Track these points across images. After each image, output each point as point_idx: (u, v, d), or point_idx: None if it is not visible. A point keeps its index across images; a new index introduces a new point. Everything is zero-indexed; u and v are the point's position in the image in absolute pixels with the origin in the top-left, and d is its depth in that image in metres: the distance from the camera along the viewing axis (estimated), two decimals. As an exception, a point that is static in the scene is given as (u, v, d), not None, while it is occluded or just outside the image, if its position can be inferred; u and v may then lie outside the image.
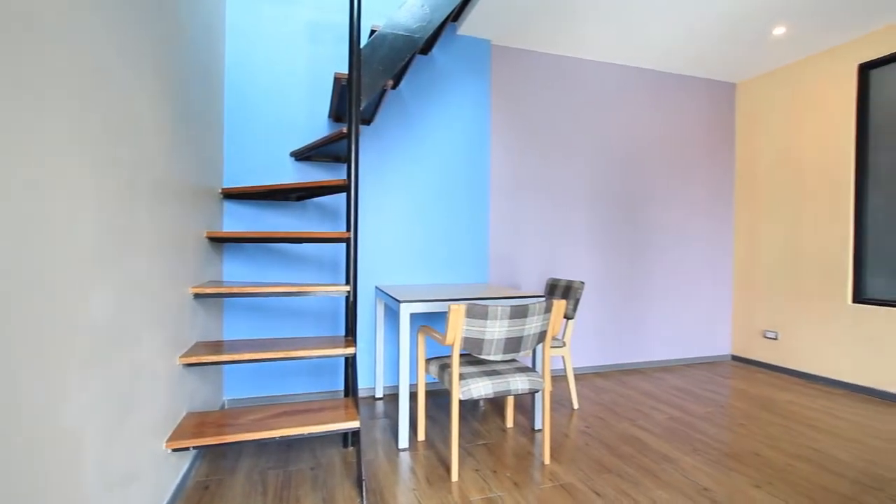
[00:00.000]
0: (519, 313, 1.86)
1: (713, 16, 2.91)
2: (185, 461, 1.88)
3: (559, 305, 1.97)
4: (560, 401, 2.93)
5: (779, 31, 3.09)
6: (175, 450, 1.61)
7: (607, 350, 3.68)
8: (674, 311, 3.88)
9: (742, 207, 4.02)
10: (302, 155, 2.72)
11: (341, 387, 2.96)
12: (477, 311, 1.82)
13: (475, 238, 3.24)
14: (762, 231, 3.84)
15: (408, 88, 3.08)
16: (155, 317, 1.50)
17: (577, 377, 3.48)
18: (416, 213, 3.10)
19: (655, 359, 3.83)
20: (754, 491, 1.86)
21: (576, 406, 2.80)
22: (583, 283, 2.75)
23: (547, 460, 2.08)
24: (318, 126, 2.88)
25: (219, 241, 2.42)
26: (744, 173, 4.01)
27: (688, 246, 3.93)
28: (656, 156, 3.82)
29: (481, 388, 1.91)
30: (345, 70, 2.93)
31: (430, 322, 3.13)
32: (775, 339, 3.70)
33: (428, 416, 2.66)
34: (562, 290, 2.90)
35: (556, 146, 3.51)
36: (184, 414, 1.85)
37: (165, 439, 1.61)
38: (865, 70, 3.15)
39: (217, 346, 1.99)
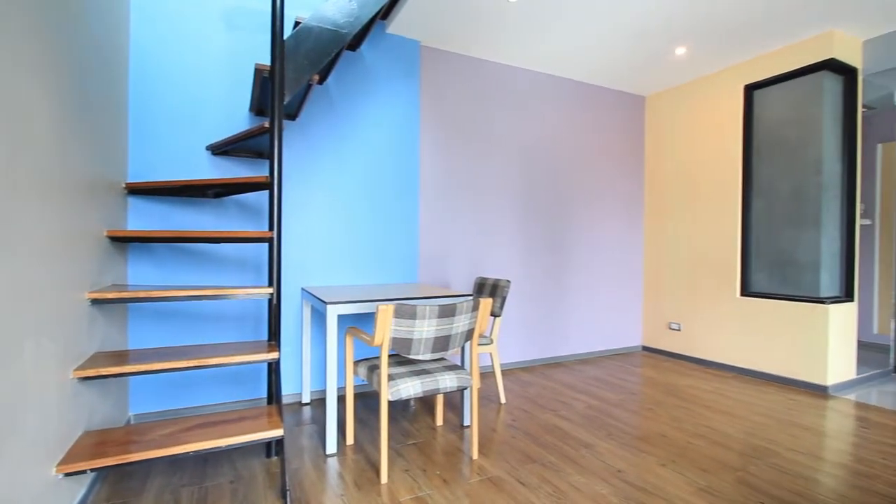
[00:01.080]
0: (447, 312, 1.89)
1: (624, 33, 3.15)
2: (81, 486, 1.69)
3: (486, 304, 2.03)
4: (488, 396, 3.02)
5: (680, 51, 3.41)
6: (68, 474, 1.44)
7: (532, 345, 3.84)
8: (592, 307, 4.15)
9: (650, 210, 4.39)
10: (220, 149, 2.56)
11: (265, 394, 2.82)
12: (405, 310, 1.82)
13: (405, 237, 3.24)
14: (667, 232, 4.21)
15: (336, 84, 3.00)
16: (41, 326, 1.33)
17: (503, 373, 3.60)
18: (345, 212, 3.03)
19: (576, 352, 4.06)
20: (661, 469, 2.04)
21: (503, 401, 2.90)
22: (509, 281, 2.85)
23: (475, 455, 2.13)
24: (237, 119, 2.72)
25: (122, 241, 2.20)
26: (651, 179, 4.38)
27: (604, 246, 4.22)
28: (577, 160, 4.05)
29: (410, 387, 1.92)
30: (267, 61, 2.79)
31: (358, 323, 3.08)
32: (679, 330, 4.08)
33: (357, 419, 2.62)
34: (489, 289, 2.99)
35: (485, 148, 3.61)
36: (80, 433, 1.66)
37: (56, 463, 1.44)
38: (750, 90, 3.57)
39: (120, 357, 1.81)
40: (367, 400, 2.97)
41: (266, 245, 2.80)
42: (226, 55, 2.69)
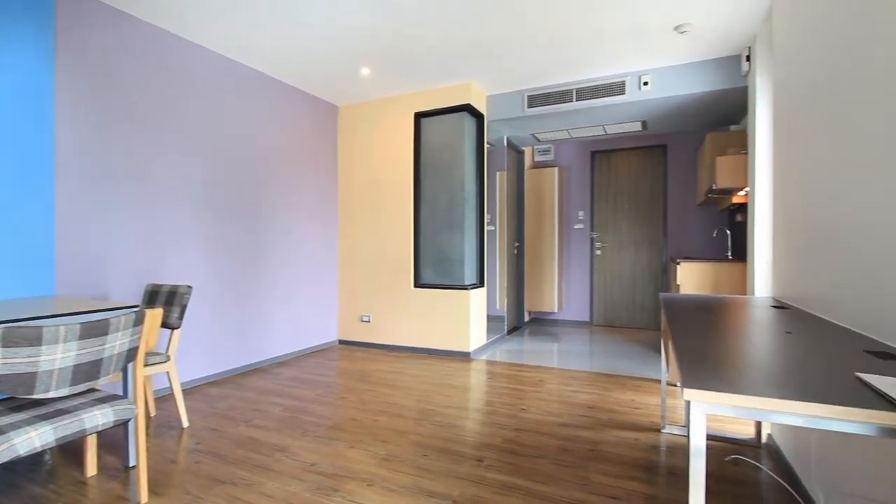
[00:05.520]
0: (95, 331, 1.50)
1: (319, 38, 3.25)
2: None
3: (153, 315, 1.72)
4: (168, 423, 2.58)
5: (365, 71, 3.80)
6: None
7: (224, 355, 3.51)
8: (290, 308, 4.12)
9: (343, 214, 4.71)
10: None
11: None
12: (22, 335, 1.35)
13: (29, 236, 2.39)
14: (358, 235, 4.62)
15: None
16: None
17: (188, 391, 3.15)
18: None
19: (275, 355, 3.95)
20: (350, 451, 2.22)
21: (185, 424, 2.53)
22: (190, 287, 2.51)
23: (144, 499, 1.78)
24: None
25: None
26: (344, 186, 4.71)
27: (301, 247, 4.26)
28: (273, 161, 3.93)
29: (35, 438, 1.43)
30: None
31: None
32: (369, 321, 4.54)
33: (-65, 506, 1.77)
34: (165, 297, 2.55)
35: (161, 135, 3.04)
36: None
37: None
38: (419, 117, 4.31)
39: None
40: (-44, 472, 2.04)
41: None
42: None
